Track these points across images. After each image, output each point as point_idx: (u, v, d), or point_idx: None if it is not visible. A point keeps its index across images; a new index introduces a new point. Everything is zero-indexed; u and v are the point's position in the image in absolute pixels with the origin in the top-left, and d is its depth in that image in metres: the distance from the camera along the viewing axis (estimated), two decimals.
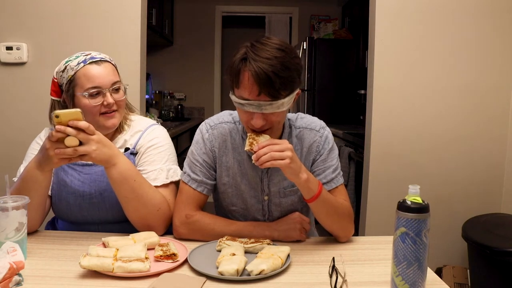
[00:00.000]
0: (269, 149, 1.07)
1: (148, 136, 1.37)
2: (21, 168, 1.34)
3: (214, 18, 5.07)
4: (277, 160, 1.07)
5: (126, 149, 1.37)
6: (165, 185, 1.33)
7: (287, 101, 1.13)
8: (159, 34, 4.11)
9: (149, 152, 1.35)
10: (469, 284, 2.26)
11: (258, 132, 1.17)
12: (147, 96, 4.30)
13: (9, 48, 2.17)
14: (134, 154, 1.36)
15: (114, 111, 1.29)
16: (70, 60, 1.28)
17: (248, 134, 1.16)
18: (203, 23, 5.05)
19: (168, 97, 4.80)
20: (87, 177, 1.33)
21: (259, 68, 1.06)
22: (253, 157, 1.08)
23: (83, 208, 1.32)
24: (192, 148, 1.33)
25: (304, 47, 4.15)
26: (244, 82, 1.10)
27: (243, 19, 5.46)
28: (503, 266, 1.92)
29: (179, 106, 4.83)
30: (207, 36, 5.06)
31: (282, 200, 1.32)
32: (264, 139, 1.13)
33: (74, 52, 1.32)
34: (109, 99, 1.25)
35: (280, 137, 1.28)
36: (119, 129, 1.38)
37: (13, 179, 1.32)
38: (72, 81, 1.26)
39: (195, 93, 5.06)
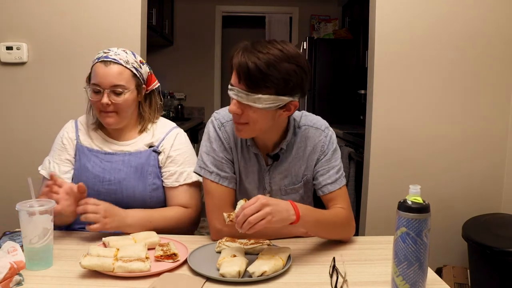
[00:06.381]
0: (244, 217, 1.02)
1: (175, 142, 1.48)
2: (51, 160, 1.44)
3: (214, 18, 5.07)
4: (258, 223, 1.03)
5: (150, 146, 1.46)
6: (188, 184, 1.44)
7: (266, 100, 1.12)
8: (159, 34, 4.11)
9: (172, 157, 1.46)
10: (469, 284, 2.26)
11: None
12: None
13: (9, 48, 2.16)
14: (156, 152, 1.46)
15: (111, 111, 1.38)
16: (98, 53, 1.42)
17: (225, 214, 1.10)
18: (203, 23, 5.05)
19: (168, 97, 4.80)
20: (108, 164, 1.42)
21: (244, 58, 1.11)
22: (236, 226, 1.05)
23: (101, 193, 1.37)
24: (211, 145, 1.30)
25: (304, 47, 4.15)
26: (233, 69, 1.16)
27: (243, 19, 5.45)
28: (503, 266, 1.92)
29: (179, 106, 4.83)
30: (207, 36, 5.06)
31: (284, 198, 1.32)
32: (239, 205, 1.09)
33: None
34: (104, 99, 1.35)
35: (285, 136, 1.29)
36: (142, 128, 1.49)
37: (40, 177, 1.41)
38: (90, 72, 1.41)
39: (195, 93, 5.06)
